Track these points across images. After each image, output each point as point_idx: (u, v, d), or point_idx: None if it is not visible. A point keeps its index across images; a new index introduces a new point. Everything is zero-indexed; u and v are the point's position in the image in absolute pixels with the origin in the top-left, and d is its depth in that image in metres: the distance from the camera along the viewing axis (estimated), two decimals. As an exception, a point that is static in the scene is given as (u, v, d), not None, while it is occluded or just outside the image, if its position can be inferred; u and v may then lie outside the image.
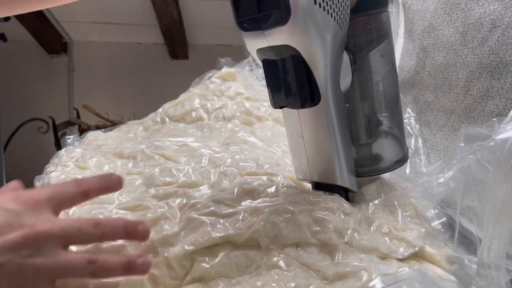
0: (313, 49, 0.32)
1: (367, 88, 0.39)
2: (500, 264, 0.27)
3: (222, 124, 0.63)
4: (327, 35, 0.32)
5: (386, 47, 0.39)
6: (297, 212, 0.34)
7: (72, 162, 0.49)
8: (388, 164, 0.40)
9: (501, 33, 0.43)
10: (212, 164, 0.45)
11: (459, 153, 0.32)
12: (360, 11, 0.35)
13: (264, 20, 0.32)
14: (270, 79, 0.35)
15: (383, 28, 0.38)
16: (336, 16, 0.32)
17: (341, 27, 0.33)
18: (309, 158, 0.37)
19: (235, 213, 0.35)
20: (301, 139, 0.37)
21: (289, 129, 0.38)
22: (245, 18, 0.33)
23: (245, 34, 0.34)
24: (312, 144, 0.36)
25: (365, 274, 0.30)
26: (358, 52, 0.37)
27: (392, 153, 0.40)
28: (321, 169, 0.37)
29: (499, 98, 0.42)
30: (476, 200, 0.33)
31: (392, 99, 0.40)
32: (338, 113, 0.35)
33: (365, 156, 0.40)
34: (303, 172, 0.39)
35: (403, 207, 0.37)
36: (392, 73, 0.40)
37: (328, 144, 0.35)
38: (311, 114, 0.35)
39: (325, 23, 0.31)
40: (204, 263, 0.31)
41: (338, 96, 0.35)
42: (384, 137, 0.40)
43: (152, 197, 0.38)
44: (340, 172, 0.36)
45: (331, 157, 0.36)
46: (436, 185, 0.35)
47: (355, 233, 0.33)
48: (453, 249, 0.34)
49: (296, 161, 0.39)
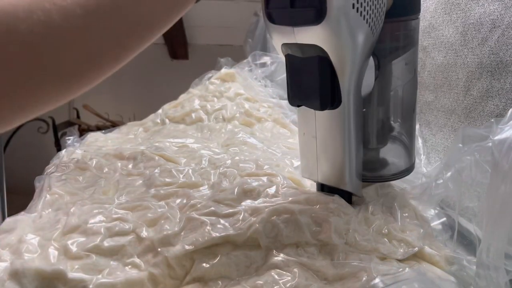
0: (342, 53, 0.31)
1: (386, 95, 0.38)
2: (499, 264, 0.27)
3: (222, 125, 0.63)
4: (359, 40, 0.30)
5: (412, 56, 0.37)
6: (297, 212, 0.34)
7: (73, 163, 0.49)
8: (393, 171, 0.39)
9: (501, 33, 0.43)
10: (212, 165, 0.45)
11: (458, 154, 0.32)
12: (391, 16, 0.34)
13: (296, 16, 0.30)
14: (291, 76, 0.33)
15: (411, 36, 0.37)
16: (371, 20, 0.30)
17: (374, 32, 0.31)
18: (319, 159, 0.36)
19: (235, 213, 0.35)
20: (314, 140, 0.36)
21: (302, 127, 0.37)
22: (276, 9, 0.31)
23: (272, 26, 0.32)
24: (325, 146, 0.35)
25: (364, 274, 0.30)
26: (383, 58, 0.36)
27: (399, 161, 0.40)
28: (330, 172, 0.36)
29: (499, 98, 0.42)
30: (475, 200, 0.33)
31: (409, 108, 0.39)
32: (356, 119, 0.34)
33: (372, 161, 0.39)
34: (309, 171, 0.38)
35: (402, 208, 0.37)
36: (413, 82, 0.39)
37: (342, 149, 0.34)
38: (328, 116, 0.34)
39: (358, 27, 0.30)
40: (204, 263, 0.32)
41: (358, 101, 0.34)
42: (393, 145, 0.39)
43: (152, 197, 0.38)
44: (349, 177, 0.35)
45: (343, 161, 0.35)
46: (435, 186, 0.35)
47: (355, 234, 0.33)
48: (453, 249, 0.34)
49: (304, 160, 0.38)
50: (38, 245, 0.32)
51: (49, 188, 0.41)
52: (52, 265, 0.30)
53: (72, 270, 0.30)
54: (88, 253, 0.32)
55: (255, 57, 0.84)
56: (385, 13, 0.32)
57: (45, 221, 0.36)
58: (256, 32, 1.18)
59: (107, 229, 0.33)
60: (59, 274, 0.30)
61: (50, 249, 0.32)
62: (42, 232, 0.34)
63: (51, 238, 0.33)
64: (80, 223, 0.34)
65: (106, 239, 0.33)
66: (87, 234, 0.33)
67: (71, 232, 0.33)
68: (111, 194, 0.41)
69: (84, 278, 0.30)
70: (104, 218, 0.35)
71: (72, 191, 0.41)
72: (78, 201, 0.38)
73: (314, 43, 0.31)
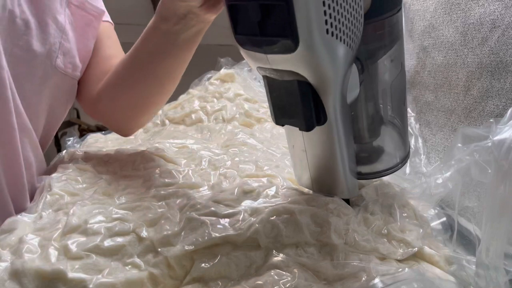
0: (322, 76, 0.29)
1: (374, 93, 0.37)
2: (498, 264, 0.27)
3: (221, 126, 0.63)
4: (338, 60, 0.28)
5: (397, 51, 0.36)
6: (297, 212, 0.34)
7: (73, 163, 0.49)
8: (388, 165, 0.39)
9: (501, 33, 0.43)
10: (212, 166, 0.45)
11: (457, 154, 0.32)
12: (372, 16, 0.31)
13: (267, 44, 0.27)
14: (272, 97, 0.31)
15: (395, 31, 0.35)
16: (348, 39, 0.28)
17: (352, 48, 0.29)
18: (312, 172, 0.35)
19: (235, 213, 0.35)
20: (304, 153, 0.35)
21: (291, 141, 0.36)
22: (245, 36, 0.29)
23: (243, 51, 0.30)
24: (316, 159, 0.34)
25: (364, 274, 0.30)
26: (367, 59, 0.34)
27: (394, 154, 0.39)
28: (324, 183, 0.36)
29: (499, 98, 0.42)
30: (475, 200, 0.33)
31: (399, 101, 0.38)
32: (345, 130, 0.32)
33: (366, 157, 0.38)
34: (304, 182, 0.38)
35: (401, 208, 0.37)
36: (401, 76, 0.37)
37: (334, 161, 0.33)
38: (316, 132, 0.32)
39: (336, 49, 0.27)
40: (204, 263, 0.32)
41: (344, 113, 0.32)
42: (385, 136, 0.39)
43: (152, 198, 0.38)
44: (343, 187, 0.35)
45: (335, 172, 0.34)
46: (434, 186, 0.35)
47: (354, 234, 0.33)
48: (452, 249, 0.34)
49: (297, 171, 0.37)
50: (39, 245, 0.33)
51: (50, 188, 0.41)
52: (52, 265, 0.30)
53: (72, 270, 0.30)
54: (88, 253, 0.32)
55: (255, 57, 0.84)
56: (363, 17, 0.30)
57: (46, 222, 0.36)
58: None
59: (107, 229, 0.34)
60: (59, 274, 0.30)
61: (50, 249, 0.32)
62: (42, 232, 0.34)
63: (51, 238, 0.33)
64: (80, 223, 0.34)
65: (106, 239, 0.33)
66: (87, 234, 0.33)
67: (71, 232, 0.33)
68: (111, 194, 0.41)
69: (84, 278, 0.30)
70: (104, 218, 0.35)
71: (73, 192, 0.41)
72: (78, 201, 0.38)
73: (290, 69, 0.29)
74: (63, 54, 0.44)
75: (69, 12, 0.44)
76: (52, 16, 0.42)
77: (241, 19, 0.28)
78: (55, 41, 0.43)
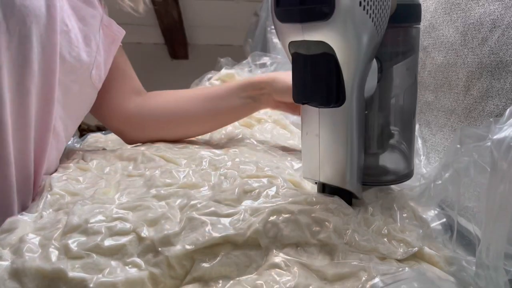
0: (348, 49, 0.32)
1: (387, 99, 0.39)
2: (498, 264, 0.27)
3: (222, 127, 0.63)
4: (364, 37, 0.31)
5: (412, 62, 0.39)
6: (297, 212, 0.34)
7: (74, 163, 0.49)
8: (392, 177, 0.40)
9: (501, 33, 0.43)
10: (212, 166, 0.45)
11: (456, 154, 0.32)
12: (393, 22, 0.35)
13: (305, 13, 0.31)
14: (297, 73, 0.34)
15: (412, 43, 0.38)
16: (376, 19, 0.31)
17: (378, 32, 0.32)
18: (322, 158, 0.37)
19: (235, 213, 0.35)
20: (317, 138, 0.36)
21: (305, 126, 0.38)
22: (286, 7, 0.32)
23: (281, 25, 0.33)
24: (327, 145, 0.36)
25: (364, 274, 0.30)
26: (385, 62, 0.37)
27: (398, 167, 0.40)
28: (332, 171, 0.37)
29: (499, 98, 0.42)
30: (474, 200, 0.34)
31: (409, 113, 0.40)
32: (358, 118, 0.35)
33: (371, 166, 0.39)
34: (311, 171, 0.38)
35: (401, 209, 0.37)
36: (413, 88, 0.40)
37: (344, 147, 0.35)
38: (332, 114, 0.35)
39: (364, 24, 0.31)
40: (204, 262, 0.32)
41: (361, 101, 0.35)
42: (392, 150, 0.40)
43: (152, 198, 0.38)
44: (350, 176, 0.36)
45: (344, 160, 0.35)
46: (434, 186, 0.35)
47: (354, 234, 0.33)
48: (452, 250, 0.34)
49: (306, 160, 0.39)
50: (39, 244, 0.33)
51: (50, 188, 0.41)
52: (53, 264, 0.30)
53: (72, 270, 0.30)
54: (89, 252, 0.32)
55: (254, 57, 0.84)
56: (389, 14, 0.33)
57: (46, 221, 0.36)
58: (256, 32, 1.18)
59: (107, 229, 0.34)
60: (60, 273, 0.30)
61: (50, 248, 0.32)
62: (43, 232, 0.34)
63: (52, 237, 0.33)
64: (81, 223, 0.34)
65: (106, 238, 0.33)
66: (87, 234, 0.33)
67: (72, 232, 0.33)
68: (112, 194, 0.41)
69: (85, 277, 0.30)
70: (105, 217, 0.35)
71: (73, 191, 0.41)
72: (79, 201, 0.38)
73: (321, 39, 0.31)
74: (96, 67, 0.49)
75: (102, 31, 0.50)
76: (93, 33, 0.49)
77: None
78: (94, 55, 0.48)
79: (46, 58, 0.42)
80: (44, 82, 0.42)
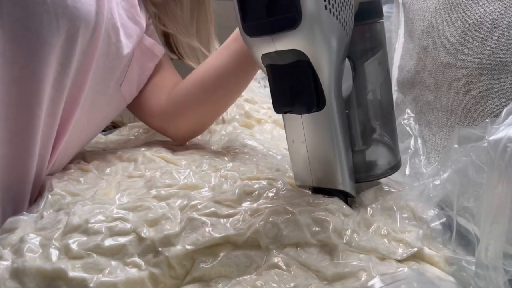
0: (320, 54, 0.32)
1: (364, 95, 0.39)
2: (498, 264, 0.27)
3: (222, 127, 0.63)
4: (334, 39, 0.32)
5: (383, 56, 0.40)
6: (297, 212, 0.34)
7: (74, 164, 0.49)
8: (381, 170, 0.41)
9: (501, 33, 0.43)
10: (212, 167, 0.45)
11: (454, 154, 0.32)
12: (358, 20, 0.36)
13: (273, 25, 0.31)
14: (275, 84, 0.34)
15: (379, 38, 0.39)
16: (343, 20, 0.32)
17: (347, 32, 0.33)
18: (312, 163, 0.37)
19: (235, 213, 0.35)
20: (304, 145, 0.37)
21: (290, 135, 0.38)
22: (253, 22, 0.32)
23: (251, 39, 0.33)
24: (315, 149, 0.36)
25: (364, 274, 0.30)
26: (357, 60, 0.38)
27: (385, 160, 0.41)
28: (323, 174, 0.37)
29: (499, 98, 0.42)
30: (473, 201, 0.34)
31: (387, 106, 0.41)
32: (341, 118, 0.35)
33: (359, 163, 0.40)
34: (303, 178, 0.39)
35: (401, 209, 0.37)
36: (387, 80, 0.41)
37: (331, 149, 0.35)
38: (315, 119, 0.35)
39: (333, 27, 0.31)
40: (204, 263, 0.32)
41: (340, 102, 0.35)
42: (377, 144, 0.41)
43: (153, 198, 0.38)
44: (342, 177, 0.36)
45: (334, 161, 0.36)
46: (432, 187, 0.36)
47: (354, 234, 0.33)
48: (452, 250, 0.34)
49: (296, 168, 0.39)
50: (40, 244, 0.33)
51: (51, 188, 0.42)
52: (53, 264, 0.30)
53: (73, 269, 0.30)
54: (89, 252, 0.32)
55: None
56: (354, 14, 0.34)
57: (47, 221, 0.36)
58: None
59: (108, 229, 0.34)
60: (60, 273, 0.30)
61: (51, 248, 0.32)
62: (43, 232, 0.34)
63: (52, 237, 0.33)
64: (81, 223, 0.34)
65: (107, 238, 0.33)
66: (88, 234, 0.33)
67: (72, 232, 0.34)
68: (112, 195, 0.41)
69: (85, 277, 0.30)
70: (105, 217, 0.35)
71: (74, 192, 0.41)
72: (79, 201, 0.38)
73: (293, 47, 0.32)
74: (127, 81, 0.51)
75: (139, 48, 0.52)
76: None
77: (249, 7, 0.32)
78: (124, 69, 0.50)
79: (84, 63, 0.43)
80: (74, 85, 0.43)
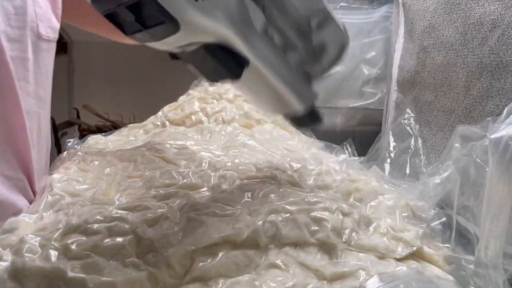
0: (217, 33, 0.30)
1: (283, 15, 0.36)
2: (497, 263, 0.27)
3: (221, 128, 0.63)
4: (219, 15, 0.30)
5: None
6: (296, 211, 0.34)
7: (74, 164, 0.49)
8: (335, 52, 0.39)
9: (501, 33, 0.43)
10: (212, 167, 0.45)
11: (455, 153, 0.32)
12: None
13: (155, 32, 0.29)
14: (194, 65, 0.33)
15: None
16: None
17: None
18: (272, 104, 0.39)
19: (234, 213, 0.35)
20: (257, 95, 0.39)
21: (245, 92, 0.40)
22: (134, 34, 0.30)
23: (154, 43, 0.31)
24: (266, 94, 0.37)
25: (363, 273, 0.30)
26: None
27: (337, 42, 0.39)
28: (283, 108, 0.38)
29: (499, 98, 0.42)
30: (474, 200, 0.34)
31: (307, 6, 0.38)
32: (269, 53, 0.34)
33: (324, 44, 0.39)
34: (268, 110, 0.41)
35: (400, 208, 0.37)
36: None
37: (277, 84, 0.35)
38: (250, 74, 0.34)
39: (210, 10, 0.29)
40: (203, 262, 0.32)
41: (259, 42, 0.33)
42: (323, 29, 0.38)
43: (152, 198, 0.38)
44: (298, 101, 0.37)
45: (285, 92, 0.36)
46: (433, 186, 0.36)
47: (353, 233, 0.33)
48: (451, 249, 0.34)
49: (259, 104, 0.42)
50: (39, 245, 0.33)
51: (51, 189, 0.42)
52: (53, 264, 0.30)
53: (72, 270, 0.30)
54: (88, 252, 0.32)
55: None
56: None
57: (46, 222, 0.36)
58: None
59: (107, 229, 0.34)
60: (60, 274, 0.30)
61: (50, 249, 0.32)
62: (43, 232, 0.34)
63: (52, 238, 0.33)
64: (80, 223, 0.34)
65: (106, 238, 0.33)
66: (87, 234, 0.33)
67: (72, 232, 0.33)
68: (112, 195, 0.41)
69: (84, 278, 0.30)
70: (104, 218, 0.35)
71: (74, 192, 0.41)
72: (78, 201, 0.38)
73: (186, 42, 0.30)
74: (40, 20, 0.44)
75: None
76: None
77: (122, 22, 0.29)
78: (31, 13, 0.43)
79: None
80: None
